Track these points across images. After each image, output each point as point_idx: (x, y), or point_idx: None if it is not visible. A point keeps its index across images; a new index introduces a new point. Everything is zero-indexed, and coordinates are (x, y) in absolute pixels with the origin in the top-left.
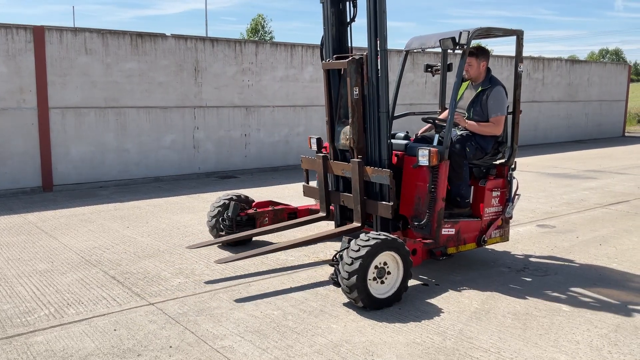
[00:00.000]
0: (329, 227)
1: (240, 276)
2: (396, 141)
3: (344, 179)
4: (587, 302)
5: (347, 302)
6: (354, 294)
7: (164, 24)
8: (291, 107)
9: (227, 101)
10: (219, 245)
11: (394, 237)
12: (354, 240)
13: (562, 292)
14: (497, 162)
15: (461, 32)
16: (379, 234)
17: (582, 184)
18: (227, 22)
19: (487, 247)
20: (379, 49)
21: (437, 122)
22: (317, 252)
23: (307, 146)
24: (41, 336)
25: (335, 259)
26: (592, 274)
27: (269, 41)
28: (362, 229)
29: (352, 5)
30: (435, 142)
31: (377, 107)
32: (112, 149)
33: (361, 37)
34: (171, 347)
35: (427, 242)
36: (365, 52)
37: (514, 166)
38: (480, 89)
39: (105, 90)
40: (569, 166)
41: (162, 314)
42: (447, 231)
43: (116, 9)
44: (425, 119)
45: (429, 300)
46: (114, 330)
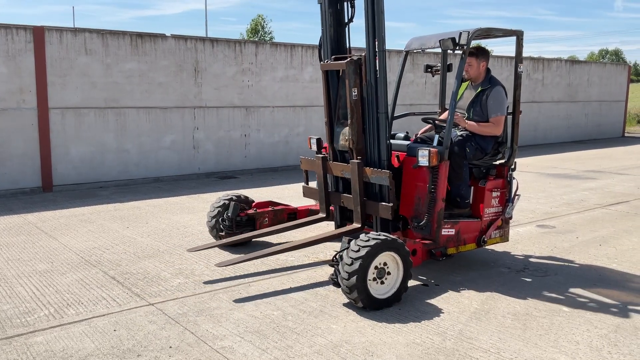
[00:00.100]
0: (328, 227)
1: (240, 276)
2: (396, 141)
3: (343, 180)
4: (587, 303)
5: (347, 302)
6: (353, 294)
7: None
8: (291, 107)
9: (227, 101)
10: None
11: (394, 237)
12: (353, 240)
13: (562, 293)
14: (497, 162)
15: (461, 33)
16: (379, 235)
17: (582, 185)
18: (227, 23)
19: (487, 247)
20: (377, 50)
21: (437, 122)
22: (317, 252)
23: (307, 146)
24: (41, 336)
25: (335, 259)
26: (592, 275)
27: (269, 41)
28: (362, 229)
29: (349, 5)
30: (435, 143)
31: (376, 108)
32: (112, 149)
33: (360, 37)
34: (171, 347)
35: (427, 242)
36: (363, 53)
37: (513, 166)
38: (480, 89)
39: (105, 90)
40: (568, 166)
41: (162, 314)
42: (447, 231)
43: (116, 9)
44: (425, 120)
45: (428, 300)
46: (113, 330)
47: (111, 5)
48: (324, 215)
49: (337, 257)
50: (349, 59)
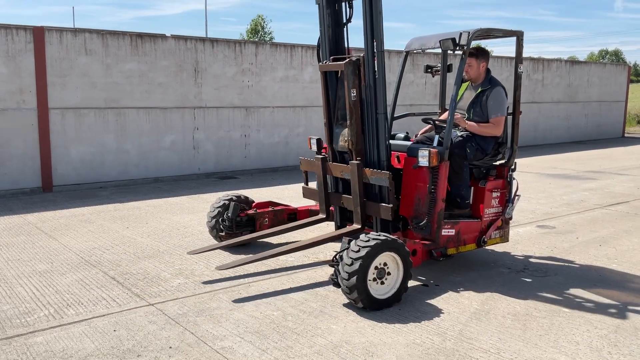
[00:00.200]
0: (328, 227)
1: (240, 277)
2: (396, 142)
3: (343, 181)
4: (587, 303)
5: (347, 302)
6: (353, 294)
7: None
8: (291, 107)
9: (227, 102)
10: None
11: (394, 237)
12: (353, 241)
13: (562, 293)
14: (497, 163)
15: (461, 33)
16: (379, 235)
17: (582, 185)
18: (226, 23)
19: (487, 247)
20: (375, 51)
21: (437, 123)
22: (316, 252)
23: (307, 147)
24: (41, 337)
25: (335, 259)
26: (592, 275)
27: (269, 42)
28: (363, 230)
29: (347, 6)
30: (435, 143)
31: (375, 109)
32: (111, 149)
33: (359, 37)
34: (171, 347)
35: (427, 242)
36: (362, 54)
37: (513, 167)
38: (480, 89)
39: (105, 90)
40: (568, 167)
41: (162, 314)
42: (447, 232)
43: (116, 10)
44: (425, 120)
45: (428, 300)
46: (113, 330)
47: (111, 5)
48: (324, 216)
49: (337, 257)
50: (347, 60)
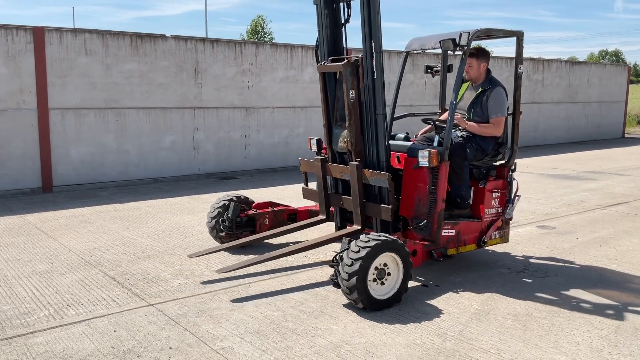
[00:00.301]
0: (329, 228)
1: (240, 277)
2: (396, 142)
3: (343, 182)
4: (587, 304)
5: (347, 303)
6: (354, 295)
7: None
8: (291, 108)
9: (227, 102)
10: (218, 244)
11: (394, 238)
12: (354, 241)
13: (562, 294)
14: (497, 163)
15: (461, 33)
16: (379, 235)
17: (582, 185)
18: (226, 23)
19: (487, 248)
20: (373, 51)
21: (437, 123)
22: (316, 253)
23: (307, 147)
24: (41, 337)
25: (335, 260)
26: (592, 275)
27: (269, 42)
28: (363, 231)
29: (345, 6)
30: (435, 144)
31: (374, 110)
32: (111, 150)
33: (358, 37)
34: (171, 348)
35: (427, 243)
36: (361, 55)
37: (514, 167)
38: (480, 90)
39: (105, 91)
40: (568, 167)
41: (162, 315)
42: (447, 232)
43: (116, 10)
44: (425, 120)
45: (429, 301)
46: (113, 331)
47: (111, 5)
48: (324, 217)
49: (337, 258)
50: (345, 61)
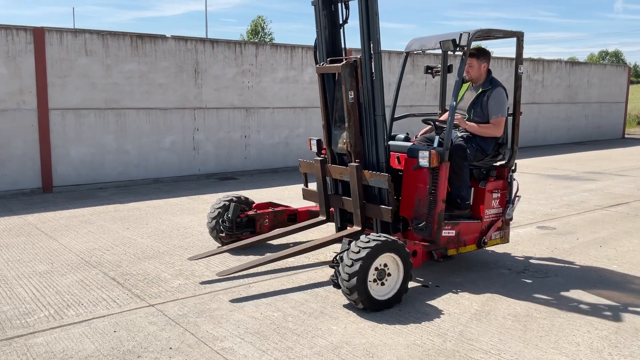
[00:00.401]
0: (329, 228)
1: (240, 277)
2: (396, 143)
3: (343, 183)
4: (588, 304)
5: (347, 303)
6: (354, 295)
7: (163, 25)
8: (291, 108)
9: (227, 103)
10: (218, 245)
11: (394, 238)
12: (354, 242)
13: (562, 294)
14: (498, 163)
15: (461, 34)
16: (379, 236)
17: (582, 186)
18: (227, 24)
19: (487, 248)
20: (372, 52)
21: (437, 123)
22: (317, 253)
23: (307, 148)
24: (41, 338)
25: (335, 260)
26: (592, 276)
27: (269, 43)
28: (363, 232)
29: (344, 7)
30: (435, 144)
31: (373, 111)
32: (112, 150)
33: (358, 37)
34: (171, 348)
35: (427, 243)
36: (360, 55)
37: (514, 168)
38: (480, 90)
39: (105, 91)
40: (568, 168)
41: (162, 315)
42: (447, 233)
43: (116, 11)
44: (425, 121)
45: (429, 301)
46: (113, 331)
47: (111, 6)
48: (324, 218)
49: (338, 258)
50: (344, 62)
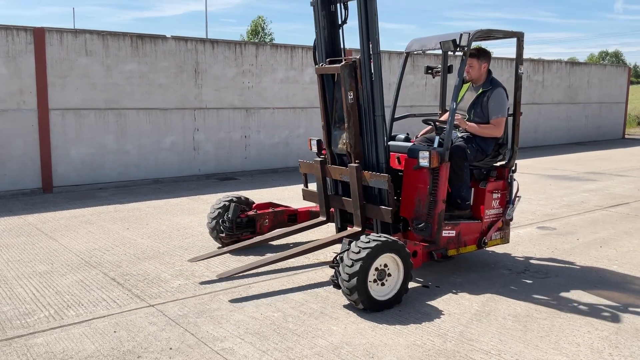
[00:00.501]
0: (329, 229)
1: (240, 277)
2: (397, 143)
3: (342, 183)
4: (588, 305)
5: (347, 304)
6: (354, 295)
7: (164, 25)
8: (291, 108)
9: (227, 103)
10: (218, 245)
11: (394, 239)
12: (354, 242)
13: (562, 295)
14: (498, 164)
15: (462, 34)
16: (380, 236)
17: (582, 186)
18: (227, 24)
19: (488, 249)
20: (371, 53)
21: (437, 124)
22: (317, 253)
23: (307, 148)
24: (41, 338)
25: (335, 260)
26: (592, 276)
27: (269, 43)
28: (363, 232)
29: (343, 7)
30: (435, 144)
31: (373, 111)
32: (112, 150)
33: (357, 38)
34: (171, 349)
35: (428, 244)
36: (359, 56)
37: (514, 168)
38: (481, 90)
39: (105, 91)
40: (569, 168)
41: (162, 315)
42: (448, 233)
43: (116, 11)
44: (425, 121)
45: (429, 302)
46: (114, 332)
47: (111, 6)
48: (324, 218)
49: (338, 258)
50: (343, 63)
